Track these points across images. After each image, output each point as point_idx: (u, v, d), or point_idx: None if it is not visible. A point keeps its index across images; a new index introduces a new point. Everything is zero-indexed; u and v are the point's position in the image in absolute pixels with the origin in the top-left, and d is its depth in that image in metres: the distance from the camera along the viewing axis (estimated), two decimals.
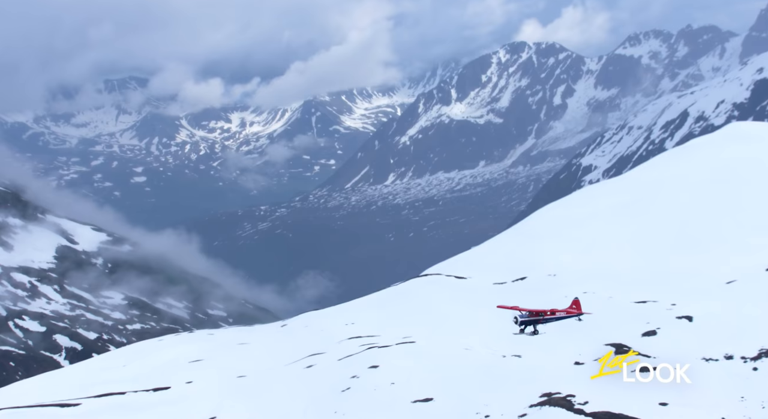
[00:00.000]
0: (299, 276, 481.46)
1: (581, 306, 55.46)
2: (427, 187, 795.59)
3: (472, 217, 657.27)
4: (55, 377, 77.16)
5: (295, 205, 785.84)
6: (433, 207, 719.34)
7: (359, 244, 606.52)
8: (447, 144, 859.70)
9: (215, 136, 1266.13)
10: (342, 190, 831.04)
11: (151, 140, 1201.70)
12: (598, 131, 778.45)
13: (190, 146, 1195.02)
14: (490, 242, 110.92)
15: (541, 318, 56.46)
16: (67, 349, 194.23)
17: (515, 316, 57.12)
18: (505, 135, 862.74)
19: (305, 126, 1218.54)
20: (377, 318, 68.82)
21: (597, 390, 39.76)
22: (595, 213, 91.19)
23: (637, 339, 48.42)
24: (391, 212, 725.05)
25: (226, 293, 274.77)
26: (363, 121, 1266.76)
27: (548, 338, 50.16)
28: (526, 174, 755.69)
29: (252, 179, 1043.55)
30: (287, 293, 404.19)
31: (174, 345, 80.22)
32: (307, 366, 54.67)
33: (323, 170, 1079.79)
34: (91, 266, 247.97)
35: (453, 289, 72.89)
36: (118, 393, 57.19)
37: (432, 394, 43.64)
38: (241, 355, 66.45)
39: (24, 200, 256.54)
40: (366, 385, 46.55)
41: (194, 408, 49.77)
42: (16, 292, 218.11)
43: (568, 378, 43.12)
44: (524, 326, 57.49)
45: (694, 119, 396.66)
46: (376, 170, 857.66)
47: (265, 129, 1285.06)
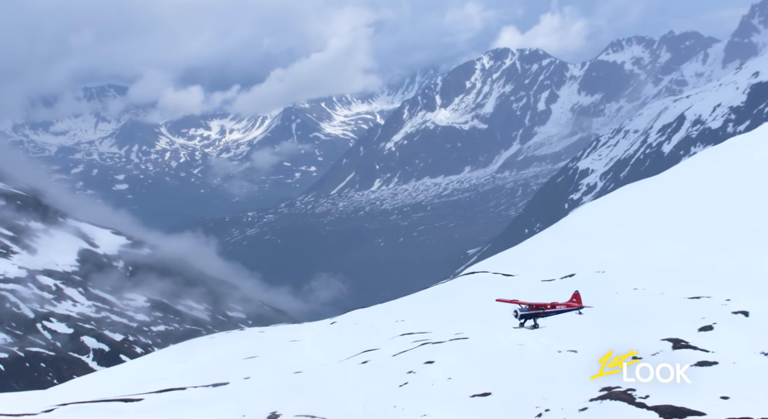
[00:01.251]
0: (311, 279, 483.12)
1: (581, 300, 56.74)
2: (414, 192, 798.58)
3: (461, 222, 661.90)
4: (112, 373, 77.98)
5: (282, 211, 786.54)
6: (421, 212, 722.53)
7: (349, 249, 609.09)
8: (432, 150, 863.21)
9: (195, 143, 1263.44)
10: (328, 196, 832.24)
11: (131, 148, 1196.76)
12: (583, 136, 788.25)
13: (170, 154, 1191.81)
14: (531, 241, 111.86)
15: (541, 312, 57.32)
16: (94, 350, 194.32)
17: (515, 309, 58.11)
18: (490, 141, 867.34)
19: (285, 133, 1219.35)
20: (427, 315, 69.00)
21: (657, 384, 39.55)
22: (636, 211, 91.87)
23: (693, 335, 47.56)
24: (379, 218, 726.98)
25: (243, 295, 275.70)
26: (343, 128, 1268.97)
27: (603, 333, 50.00)
28: (514, 179, 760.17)
29: (234, 185, 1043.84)
30: (301, 296, 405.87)
31: (226, 342, 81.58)
32: (362, 362, 55.05)
33: (304, 176, 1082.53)
34: (113, 268, 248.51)
35: (501, 286, 72.63)
36: (179, 388, 58.08)
37: (489, 389, 43.79)
38: (294, 352, 67.31)
39: (44, 204, 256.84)
40: (423, 380, 46.84)
41: (254, 403, 50.35)
42: (42, 294, 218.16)
43: (627, 372, 41.77)
44: (524, 319, 58.65)
45: (691, 122, 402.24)
46: (361, 176, 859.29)
47: (245, 136, 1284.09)
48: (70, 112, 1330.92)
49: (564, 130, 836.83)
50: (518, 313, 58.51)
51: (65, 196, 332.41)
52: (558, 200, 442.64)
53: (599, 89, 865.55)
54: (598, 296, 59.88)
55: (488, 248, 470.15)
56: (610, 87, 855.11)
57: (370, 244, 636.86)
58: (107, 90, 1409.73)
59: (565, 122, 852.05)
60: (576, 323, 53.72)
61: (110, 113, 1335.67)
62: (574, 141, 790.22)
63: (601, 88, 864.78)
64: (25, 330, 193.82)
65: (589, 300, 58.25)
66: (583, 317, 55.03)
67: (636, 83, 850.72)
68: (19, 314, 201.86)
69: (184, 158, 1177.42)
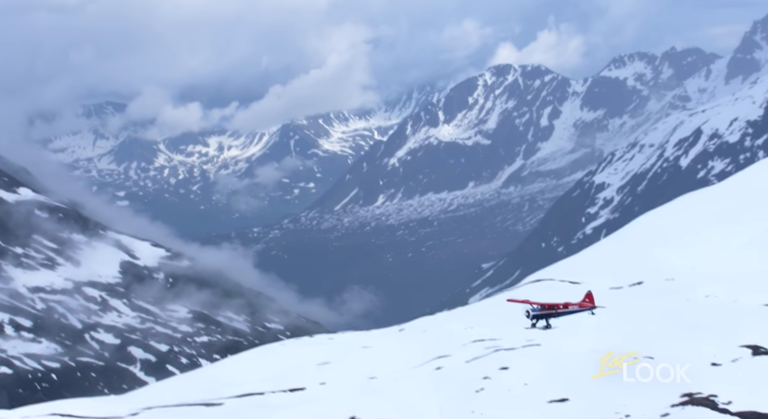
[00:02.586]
0: (343, 291, 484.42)
1: (594, 300, 57.73)
2: (419, 208, 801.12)
3: (469, 237, 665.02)
4: (187, 379, 77.99)
5: (287, 226, 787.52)
6: (428, 228, 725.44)
7: (357, 265, 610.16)
8: (436, 165, 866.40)
9: (193, 160, 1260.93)
10: (332, 212, 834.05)
11: (130, 165, 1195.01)
12: (587, 152, 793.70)
13: (169, 171, 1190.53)
14: (593, 248, 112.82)
15: (553, 312, 58.02)
16: (141, 361, 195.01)
17: (527, 310, 58.59)
18: (494, 156, 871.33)
19: (284, 150, 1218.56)
20: (495, 322, 68.79)
21: (739, 390, 39.63)
22: (702, 219, 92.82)
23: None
24: (386, 233, 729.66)
25: (279, 307, 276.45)
26: (341, 144, 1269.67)
27: (679, 340, 50.38)
28: (519, 194, 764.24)
29: (234, 202, 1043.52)
30: (334, 307, 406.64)
31: (297, 348, 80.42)
32: (436, 368, 55.05)
33: (303, 192, 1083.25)
34: (153, 280, 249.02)
35: (568, 294, 70.72)
36: (257, 393, 57.89)
37: (567, 394, 43.52)
38: (367, 358, 67.00)
39: (84, 217, 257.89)
40: (499, 386, 46.77)
41: (332, 408, 50.20)
42: (88, 305, 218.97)
43: (707, 379, 42.46)
44: (536, 320, 59.48)
45: (707, 136, 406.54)
46: (365, 192, 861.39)
47: (243, 153, 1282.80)
48: (69, 129, 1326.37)
49: (567, 145, 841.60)
50: (530, 313, 59.33)
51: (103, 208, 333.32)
52: (574, 213, 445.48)
53: (602, 105, 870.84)
54: (668, 304, 61.30)
55: (504, 262, 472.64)
56: (612, 103, 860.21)
57: (378, 259, 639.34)
58: (105, 107, 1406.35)
59: (568, 138, 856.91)
60: (650, 329, 54.41)
61: (109, 130, 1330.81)
62: (579, 156, 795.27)
63: (603, 103, 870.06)
64: (73, 340, 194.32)
65: (660, 307, 60.54)
66: (656, 324, 56.14)
67: (639, 99, 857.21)
68: (67, 324, 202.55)
69: (182, 175, 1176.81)
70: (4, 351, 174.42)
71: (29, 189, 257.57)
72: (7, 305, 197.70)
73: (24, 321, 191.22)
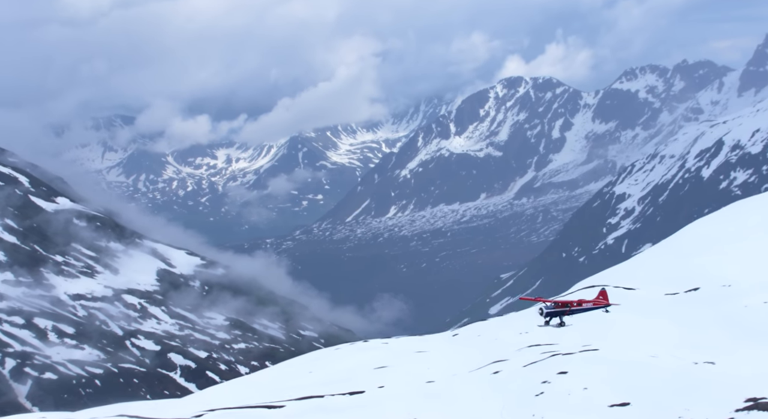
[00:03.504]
0: (373, 299, 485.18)
1: (608, 297, 57.73)
2: (432, 219, 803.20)
3: (483, 248, 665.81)
4: (245, 382, 78.85)
5: (300, 238, 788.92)
6: (441, 238, 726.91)
7: (372, 275, 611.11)
8: (447, 177, 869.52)
9: (201, 172, 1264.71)
10: (344, 223, 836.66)
11: (138, 177, 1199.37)
12: (600, 164, 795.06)
13: (178, 183, 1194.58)
14: (641, 256, 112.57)
15: (567, 309, 58.25)
16: (181, 367, 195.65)
17: (540, 307, 58.81)
18: (505, 168, 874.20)
19: (292, 162, 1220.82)
20: (550, 328, 67.77)
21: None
22: (753, 227, 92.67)
23: None
24: (399, 244, 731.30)
25: (312, 314, 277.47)
26: (349, 156, 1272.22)
27: (741, 346, 50.50)
28: (532, 206, 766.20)
29: (246, 213, 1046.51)
30: (364, 315, 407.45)
31: (352, 352, 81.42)
32: (494, 372, 54.94)
33: (312, 204, 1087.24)
34: (190, 288, 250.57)
35: (623, 300, 71.50)
36: (317, 396, 58.71)
37: (627, 399, 43.35)
38: (422, 362, 67.66)
39: (120, 225, 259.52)
40: (559, 390, 46.62)
41: (392, 411, 50.70)
42: (128, 313, 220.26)
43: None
44: (550, 317, 59.60)
45: (729, 147, 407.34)
46: (377, 203, 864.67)
47: (251, 165, 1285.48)
48: (78, 141, 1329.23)
49: (579, 157, 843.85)
50: (543, 311, 59.37)
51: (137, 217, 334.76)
52: (595, 224, 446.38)
53: (614, 117, 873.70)
54: (726, 310, 61.34)
55: (524, 272, 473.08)
56: (624, 115, 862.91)
57: (392, 270, 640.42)
58: (114, 120, 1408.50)
59: (580, 150, 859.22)
60: (709, 335, 54.76)
61: (117, 143, 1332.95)
62: (592, 168, 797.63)
63: (615, 116, 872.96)
64: (115, 346, 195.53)
65: (718, 314, 60.74)
66: (715, 329, 56.36)
67: (651, 111, 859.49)
68: (108, 331, 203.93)
69: (191, 187, 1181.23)
70: (48, 358, 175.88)
71: (66, 198, 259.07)
72: (50, 312, 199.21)
73: (66, 327, 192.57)
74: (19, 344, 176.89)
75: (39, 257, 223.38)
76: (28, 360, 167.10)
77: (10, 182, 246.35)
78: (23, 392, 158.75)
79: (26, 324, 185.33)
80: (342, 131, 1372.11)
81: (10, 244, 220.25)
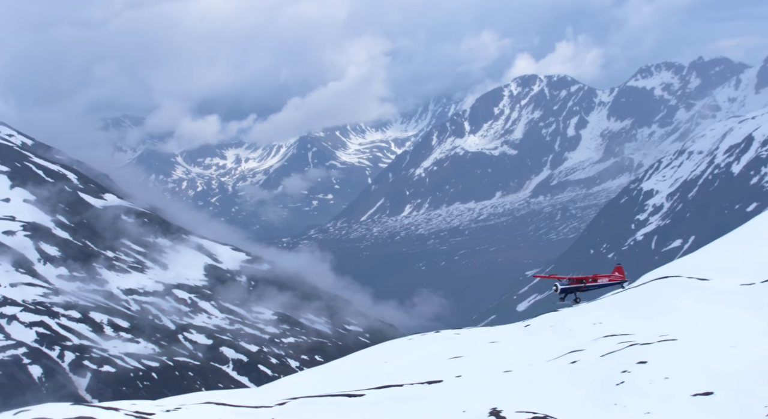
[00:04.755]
0: (413, 295, 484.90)
1: (624, 273, 56.24)
2: (448, 217, 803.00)
3: (502, 246, 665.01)
4: (322, 372, 78.28)
5: (316, 236, 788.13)
6: (459, 237, 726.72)
7: (391, 273, 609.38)
8: (462, 175, 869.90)
9: (211, 172, 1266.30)
10: (359, 222, 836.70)
11: (148, 177, 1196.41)
12: (617, 161, 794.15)
13: (187, 183, 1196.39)
14: (714, 245, 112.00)
15: (582, 285, 57.17)
16: (233, 361, 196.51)
17: (555, 284, 57.72)
18: (520, 166, 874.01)
19: (302, 161, 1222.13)
20: (624, 318, 67.86)
21: None
22: None
23: None
24: (416, 242, 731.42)
25: (356, 309, 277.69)
26: (358, 156, 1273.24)
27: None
28: (550, 204, 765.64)
29: (261, 212, 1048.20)
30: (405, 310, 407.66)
31: (425, 343, 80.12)
32: (571, 362, 54.76)
33: (322, 204, 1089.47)
34: (236, 283, 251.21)
35: (698, 290, 71.37)
36: (396, 385, 58.63)
37: (711, 388, 43.00)
38: (497, 352, 67.14)
39: (167, 221, 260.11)
40: (640, 379, 46.42)
41: (471, 400, 50.65)
42: (179, 307, 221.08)
43: None
44: (564, 294, 58.24)
45: (759, 142, 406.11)
46: (391, 202, 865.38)
47: (260, 165, 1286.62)
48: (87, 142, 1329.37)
49: (595, 155, 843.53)
50: (558, 287, 58.08)
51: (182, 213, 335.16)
52: (623, 220, 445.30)
53: (629, 115, 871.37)
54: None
55: (551, 269, 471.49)
56: (640, 112, 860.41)
57: (410, 268, 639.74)
58: (123, 120, 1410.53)
59: (596, 148, 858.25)
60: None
61: (127, 143, 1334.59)
62: (608, 166, 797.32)
63: (631, 113, 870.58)
64: (168, 340, 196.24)
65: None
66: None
67: (666, 108, 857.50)
68: (161, 325, 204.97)
69: (201, 187, 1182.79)
70: (105, 351, 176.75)
71: (114, 195, 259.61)
72: (105, 306, 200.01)
73: (121, 321, 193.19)
74: (76, 338, 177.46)
75: (90, 253, 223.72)
76: (86, 354, 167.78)
77: (59, 178, 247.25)
78: (83, 384, 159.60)
79: (82, 317, 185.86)
80: (351, 131, 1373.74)
81: (63, 240, 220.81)
